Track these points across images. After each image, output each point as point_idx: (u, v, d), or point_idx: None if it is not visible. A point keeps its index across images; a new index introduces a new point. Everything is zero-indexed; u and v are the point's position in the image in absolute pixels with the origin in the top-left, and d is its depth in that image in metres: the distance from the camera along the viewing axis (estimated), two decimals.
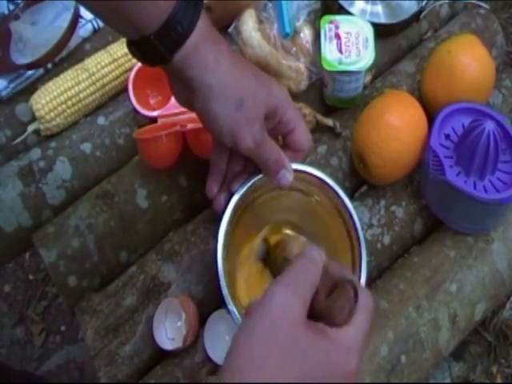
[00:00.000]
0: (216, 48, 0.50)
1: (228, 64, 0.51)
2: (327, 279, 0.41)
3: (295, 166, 0.57)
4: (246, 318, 0.39)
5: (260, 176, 0.57)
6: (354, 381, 0.39)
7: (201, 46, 0.49)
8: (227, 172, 0.59)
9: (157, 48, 0.48)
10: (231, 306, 0.53)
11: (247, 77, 0.52)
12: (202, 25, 0.49)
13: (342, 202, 0.59)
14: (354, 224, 0.58)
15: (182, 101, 0.56)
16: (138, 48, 0.50)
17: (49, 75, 0.78)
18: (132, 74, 0.72)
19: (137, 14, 0.46)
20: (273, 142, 0.55)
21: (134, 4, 0.46)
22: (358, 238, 0.58)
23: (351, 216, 0.58)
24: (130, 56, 0.54)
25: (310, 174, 0.59)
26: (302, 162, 0.59)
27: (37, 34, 0.78)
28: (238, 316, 0.52)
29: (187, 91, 0.51)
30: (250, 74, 0.53)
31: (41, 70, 0.78)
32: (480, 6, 0.83)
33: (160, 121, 0.71)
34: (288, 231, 0.65)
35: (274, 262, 0.57)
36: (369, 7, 0.80)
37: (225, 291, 0.53)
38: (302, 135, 0.57)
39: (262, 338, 0.37)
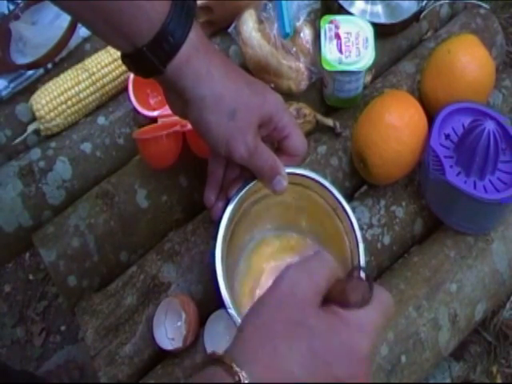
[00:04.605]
0: (208, 58, 0.51)
1: (220, 74, 0.51)
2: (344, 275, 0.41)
3: (290, 169, 0.57)
4: (260, 297, 0.39)
5: (256, 181, 0.58)
6: (365, 365, 0.38)
7: (193, 57, 0.49)
8: (224, 179, 0.59)
9: (150, 59, 0.48)
10: (231, 310, 0.52)
11: (240, 86, 0.52)
12: (194, 36, 0.49)
13: (339, 202, 0.59)
14: (352, 224, 0.58)
15: (177, 111, 0.57)
16: (131, 60, 0.51)
17: (49, 75, 0.78)
18: (132, 74, 0.72)
19: (129, 26, 0.47)
20: (267, 150, 0.55)
21: (126, 16, 0.46)
22: (356, 239, 0.57)
23: (348, 216, 0.58)
24: None
25: (305, 176, 0.59)
26: (299, 165, 0.60)
27: (37, 34, 0.78)
28: (238, 319, 0.52)
29: (181, 102, 0.52)
30: (243, 83, 0.53)
31: (41, 70, 0.78)
32: (480, 6, 0.83)
33: (160, 121, 0.71)
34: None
35: None
36: (369, 7, 0.80)
37: (225, 294, 0.53)
38: (297, 141, 0.57)
39: (270, 314, 0.37)
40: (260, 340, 0.36)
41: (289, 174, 0.57)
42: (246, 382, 0.34)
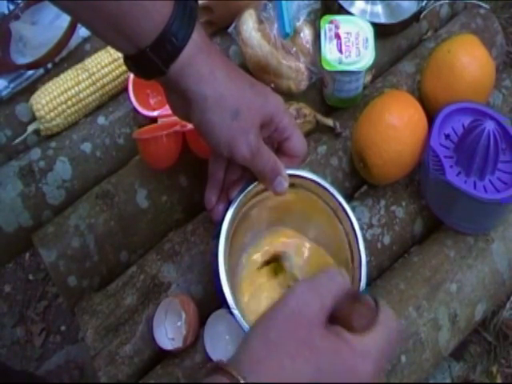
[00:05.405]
0: (211, 59, 0.51)
1: (223, 75, 0.51)
2: (350, 295, 0.42)
3: (291, 171, 0.57)
4: (267, 311, 0.40)
5: (257, 183, 0.58)
6: None
7: (195, 58, 0.49)
8: (225, 181, 0.59)
9: (152, 60, 0.48)
10: (235, 310, 0.52)
11: (242, 87, 0.53)
12: (197, 37, 0.49)
13: (339, 203, 0.59)
14: (352, 225, 0.58)
15: (179, 113, 0.57)
16: (134, 62, 0.51)
17: (49, 75, 0.78)
18: (132, 74, 0.72)
19: (132, 27, 0.47)
20: (268, 151, 0.55)
21: (129, 18, 0.46)
22: (357, 240, 0.58)
23: (349, 217, 0.58)
24: None
25: (306, 178, 0.59)
26: (299, 167, 0.60)
27: (37, 34, 0.78)
28: (242, 319, 0.52)
29: (183, 103, 0.52)
30: (244, 84, 0.53)
31: (41, 70, 0.78)
32: (480, 6, 0.83)
33: (160, 121, 0.71)
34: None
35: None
36: (369, 7, 0.80)
37: (228, 295, 0.53)
38: (298, 142, 0.57)
39: (278, 330, 0.38)
40: (267, 354, 0.37)
41: (289, 175, 0.57)
42: None
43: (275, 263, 0.63)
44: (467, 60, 0.68)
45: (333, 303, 0.40)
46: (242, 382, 0.35)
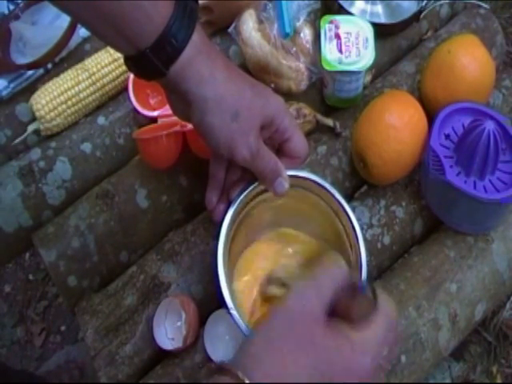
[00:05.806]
0: (211, 61, 0.51)
1: (223, 76, 0.51)
2: (349, 285, 0.42)
3: (291, 171, 0.57)
4: (269, 311, 0.41)
5: (257, 184, 0.57)
6: (365, 382, 0.39)
7: (195, 59, 0.49)
8: (225, 181, 0.59)
9: (152, 62, 0.48)
10: (234, 311, 0.52)
11: (242, 88, 0.53)
12: (197, 38, 0.49)
13: (340, 204, 0.59)
14: (353, 226, 0.58)
15: (179, 114, 0.57)
16: (134, 63, 0.51)
17: (49, 75, 0.78)
18: (132, 74, 0.72)
19: (132, 28, 0.47)
20: (269, 152, 0.55)
21: (129, 19, 0.46)
22: (357, 240, 0.57)
23: (349, 218, 0.58)
24: None
25: (306, 179, 0.59)
26: (300, 167, 0.60)
27: (37, 34, 0.78)
28: (240, 320, 0.52)
29: (184, 104, 0.52)
30: (245, 85, 0.53)
31: (41, 70, 0.78)
32: (480, 6, 0.83)
33: (160, 121, 0.71)
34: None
35: None
36: (369, 7, 0.80)
37: (227, 296, 0.53)
38: (299, 143, 0.57)
39: (279, 329, 0.39)
40: (269, 353, 0.38)
41: (290, 176, 0.57)
42: None
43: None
44: (467, 60, 0.68)
45: (332, 297, 0.40)
46: (246, 381, 0.35)
